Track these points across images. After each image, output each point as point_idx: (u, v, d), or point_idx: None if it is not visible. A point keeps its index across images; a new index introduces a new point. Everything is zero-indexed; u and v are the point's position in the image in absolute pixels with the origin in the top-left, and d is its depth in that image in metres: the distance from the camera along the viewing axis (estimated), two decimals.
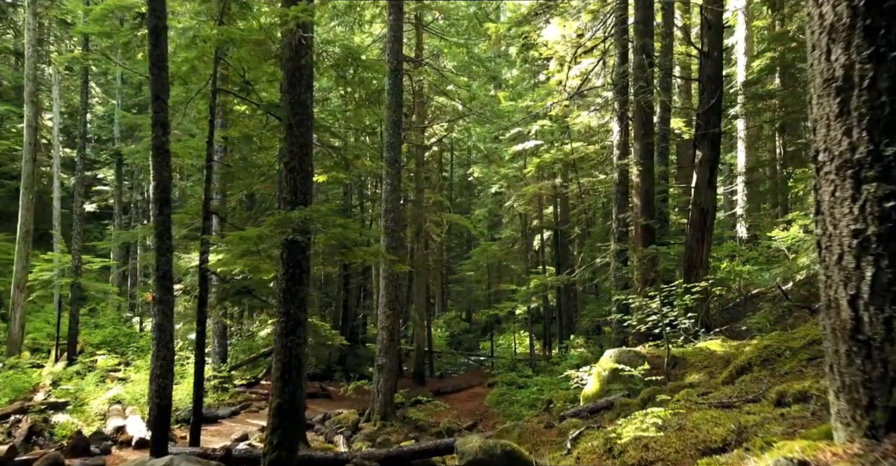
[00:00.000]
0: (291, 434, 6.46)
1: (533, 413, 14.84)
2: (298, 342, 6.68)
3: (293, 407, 6.53)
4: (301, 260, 6.77)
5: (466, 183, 39.74)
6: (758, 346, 5.60)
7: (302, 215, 6.30)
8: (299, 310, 6.73)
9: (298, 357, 6.66)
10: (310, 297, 28.06)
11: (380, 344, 14.08)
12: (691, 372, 7.52)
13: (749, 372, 5.34)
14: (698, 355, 8.05)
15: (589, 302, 20.93)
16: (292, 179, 6.83)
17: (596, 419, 7.24)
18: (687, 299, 8.26)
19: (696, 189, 12.16)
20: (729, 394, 4.44)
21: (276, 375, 6.58)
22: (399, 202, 14.64)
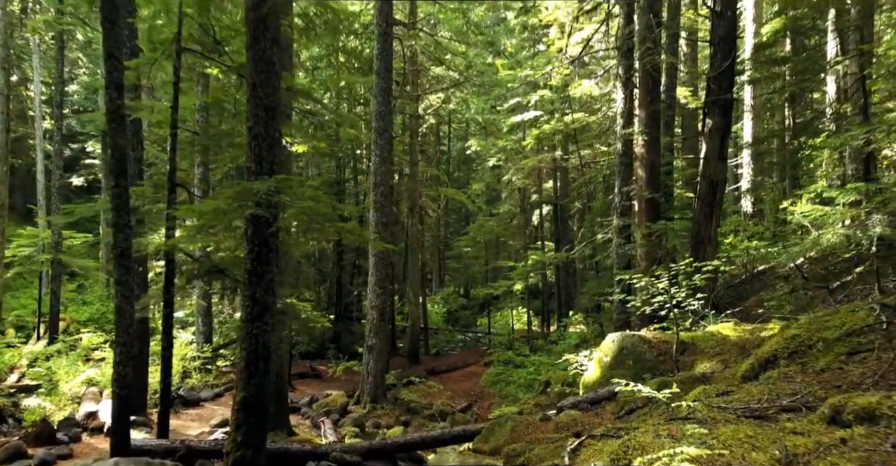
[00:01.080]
0: (258, 430, 5.80)
1: (530, 396, 14.29)
2: (265, 328, 5.98)
3: (260, 401, 5.86)
4: (268, 237, 6.03)
5: (465, 157, 38.81)
6: (784, 336, 4.90)
7: (265, 186, 5.54)
8: (266, 294, 6.01)
9: (266, 345, 5.97)
10: (304, 273, 27.45)
11: (369, 324, 13.45)
12: (702, 359, 6.84)
13: (774, 365, 4.64)
14: (709, 340, 7.37)
15: (589, 280, 20.29)
16: (257, 146, 6.05)
17: (597, 411, 6.59)
18: (697, 279, 7.54)
19: (704, 160, 11.36)
20: (756, 397, 3.76)
21: (241, 365, 5.89)
22: (389, 175, 13.85)
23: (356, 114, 23.45)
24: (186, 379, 14.10)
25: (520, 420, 6.61)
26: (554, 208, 24.72)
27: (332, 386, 15.71)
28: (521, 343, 20.91)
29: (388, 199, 13.91)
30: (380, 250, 13.28)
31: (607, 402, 6.80)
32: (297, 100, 8.98)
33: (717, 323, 8.41)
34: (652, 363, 7.28)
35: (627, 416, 5.93)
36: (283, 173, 10.87)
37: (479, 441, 6.72)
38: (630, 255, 12.11)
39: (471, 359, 20.63)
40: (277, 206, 5.74)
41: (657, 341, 7.60)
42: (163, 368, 7.89)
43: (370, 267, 13.46)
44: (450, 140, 36.96)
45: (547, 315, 26.06)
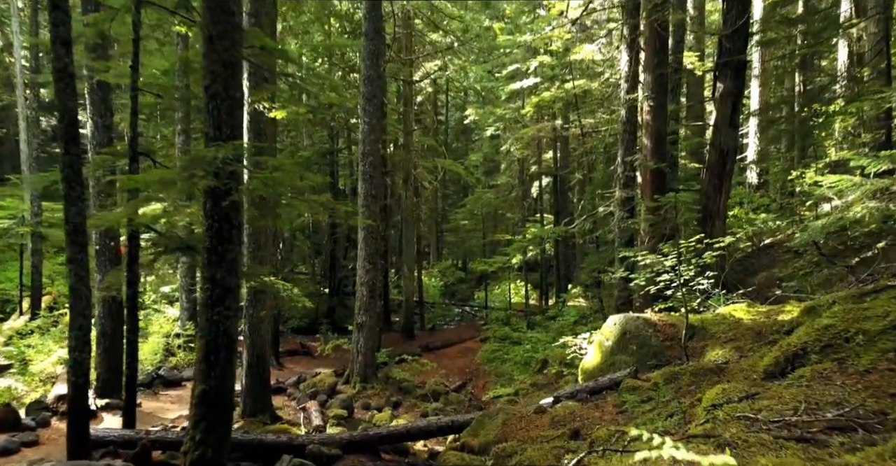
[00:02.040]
0: (220, 427, 5.20)
1: (525, 376, 13.80)
2: (228, 314, 5.34)
3: (222, 396, 5.25)
4: (229, 211, 5.34)
5: (463, 127, 37.84)
6: (814, 325, 4.25)
7: (220, 154, 4.83)
8: (229, 275, 5.35)
9: (228, 333, 5.33)
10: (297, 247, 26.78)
11: (359, 301, 12.84)
12: (713, 345, 6.22)
13: (804, 361, 4.01)
14: (720, 324, 6.74)
15: (589, 254, 19.66)
16: (215, 108, 5.31)
17: (597, 403, 5.99)
18: (707, 256, 6.88)
19: (714, 127, 10.60)
20: (791, 404, 3.12)
21: (200, 356, 5.27)
22: (379, 144, 13.08)
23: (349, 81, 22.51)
24: (170, 358, 13.55)
25: (512, 413, 6.02)
26: (554, 180, 23.95)
27: (323, 363, 15.21)
28: (518, 317, 20.40)
29: (379, 170, 13.17)
30: (370, 224, 12.60)
31: (609, 392, 6.20)
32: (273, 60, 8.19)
33: (728, 303, 7.78)
34: (657, 348, 6.67)
35: (631, 409, 5.32)
36: (264, 142, 10.14)
37: (468, 435, 6.15)
38: (633, 229, 11.45)
39: (467, 335, 20.13)
40: (237, 177, 5.03)
41: (663, 324, 6.97)
42: (128, 352, 7.27)
43: (359, 241, 12.80)
44: (447, 109, 35.97)
45: (545, 288, 25.52)
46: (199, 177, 4.97)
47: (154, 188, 4.87)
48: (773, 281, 10.95)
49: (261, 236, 9.62)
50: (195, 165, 4.90)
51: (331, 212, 5.65)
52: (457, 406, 12.43)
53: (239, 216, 5.46)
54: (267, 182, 5.17)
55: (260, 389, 9.74)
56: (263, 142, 9.83)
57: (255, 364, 9.70)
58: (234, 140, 5.26)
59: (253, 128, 9.60)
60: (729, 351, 5.86)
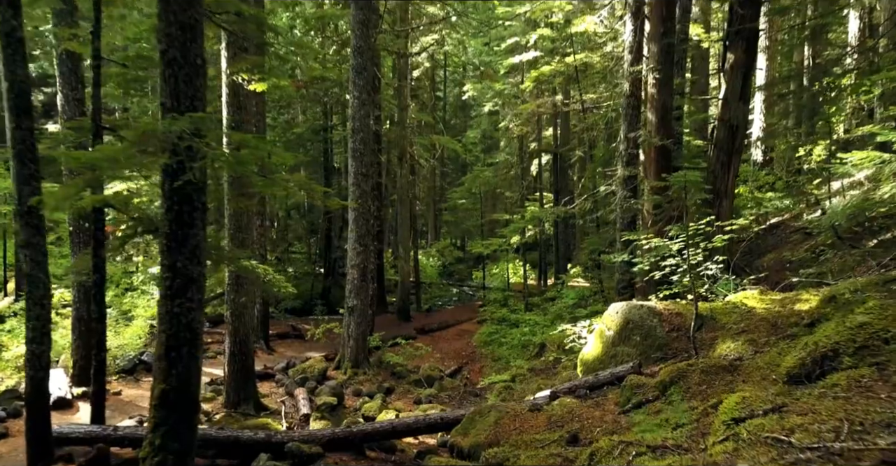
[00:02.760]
0: (183, 431, 4.72)
1: (523, 361, 13.37)
2: (191, 306, 4.82)
3: (185, 396, 4.76)
4: (191, 193, 4.78)
5: (461, 103, 37.05)
6: (846, 323, 3.75)
7: (176, 127, 4.26)
8: (190, 262, 4.81)
9: (191, 326, 4.82)
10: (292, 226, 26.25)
11: (350, 285, 12.35)
12: (724, 338, 5.73)
13: (836, 364, 3.51)
14: (731, 313, 6.24)
15: (589, 233, 19.12)
16: (171, 76, 4.72)
17: (598, 400, 5.51)
18: (717, 240, 6.35)
19: (723, 101, 10.00)
20: (829, 422, 2.62)
21: (160, 352, 4.76)
22: (370, 119, 12.45)
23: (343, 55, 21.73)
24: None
25: (506, 410, 5.55)
26: (553, 157, 23.33)
27: (315, 347, 14.79)
28: (516, 298, 19.95)
29: (370, 147, 12.57)
30: (360, 203, 12.06)
31: (610, 388, 5.73)
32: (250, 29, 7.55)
33: (738, 290, 7.28)
34: (662, 340, 6.18)
35: (635, 411, 4.86)
36: (246, 117, 9.53)
37: (458, 433, 5.69)
38: (635, 210, 10.91)
39: (463, 316, 19.70)
40: (195, 154, 4.47)
41: (668, 313, 6.48)
42: (95, 343, 6.79)
43: (350, 222, 12.26)
44: (445, 85, 35.16)
45: (544, 267, 25.06)
46: (151, 154, 4.41)
47: (104, 165, 4.32)
48: (782, 264, 10.44)
49: (242, 217, 9.08)
50: (147, 140, 4.34)
51: (307, 193, 5.11)
52: (451, 393, 12.03)
53: (202, 197, 4.91)
54: (226, 159, 4.61)
55: (243, 378, 9.30)
56: (245, 117, 9.24)
57: (238, 351, 9.25)
58: (195, 112, 4.68)
59: (232, 101, 9.01)
60: (742, 344, 5.37)
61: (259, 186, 5.28)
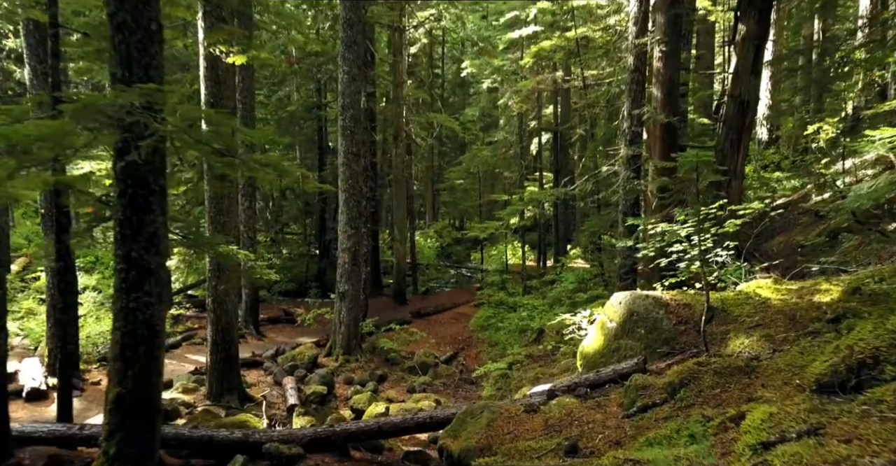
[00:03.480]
0: (141, 438, 4.28)
1: (520, 348, 12.97)
2: (149, 301, 4.35)
3: (143, 400, 4.31)
4: (146, 175, 4.28)
5: (460, 80, 36.25)
6: (889, 326, 3.26)
7: (123, 100, 3.74)
8: (147, 252, 4.33)
9: (149, 323, 4.35)
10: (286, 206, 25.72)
11: (341, 269, 11.89)
12: (737, 332, 5.26)
13: (876, 374, 3.03)
14: (743, 304, 5.77)
15: (590, 215, 18.59)
16: (122, 42, 4.18)
17: (599, 400, 5.07)
18: (729, 225, 5.85)
19: (734, 75, 9.42)
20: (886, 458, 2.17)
21: (115, 351, 4.30)
22: (360, 96, 11.87)
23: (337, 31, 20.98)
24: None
25: (499, 411, 5.10)
26: (554, 136, 22.73)
27: (307, 332, 14.38)
28: (514, 281, 19.51)
29: (361, 125, 12.00)
30: (350, 184, 11.54)
31: (613, 387, 5.28)
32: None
33: (749, 278, 6.80)
34: (669, 334, 5.72)
35: (640, 415, 4.41)
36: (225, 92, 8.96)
37: (448, 435, 5.26)
38: (639, 191, 10.39)
39: (461, 299, 19.29)
40: (142, 130, 3.95)
41: (676, 304, 6.00)
42: (58, 336, 6.34)
43: (340, 204, 11.74)
44: (443, 61, 34.33)
45: (543, 248, 24.60)
46: (97, 130, 3.89)
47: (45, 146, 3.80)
48: (792, 248, 9.95)
49: (223, 200, 8.56)
50: (90, 116, 3.82)
51: (280, 175, 4.61)
52: (446, 380, 11.65)
53: (160, 179, 4.40)
54: (184, 138, 4.09)
55: (226, 368, 8.87)
56: (224, 92, 8.67)
57: (221, 340, 8.80)
58: (150, 83, 4.14)
59: (210, 76, 8.42)
60: (757, 340, 4.90)
61: (218, 168, 4.77)
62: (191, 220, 7.65)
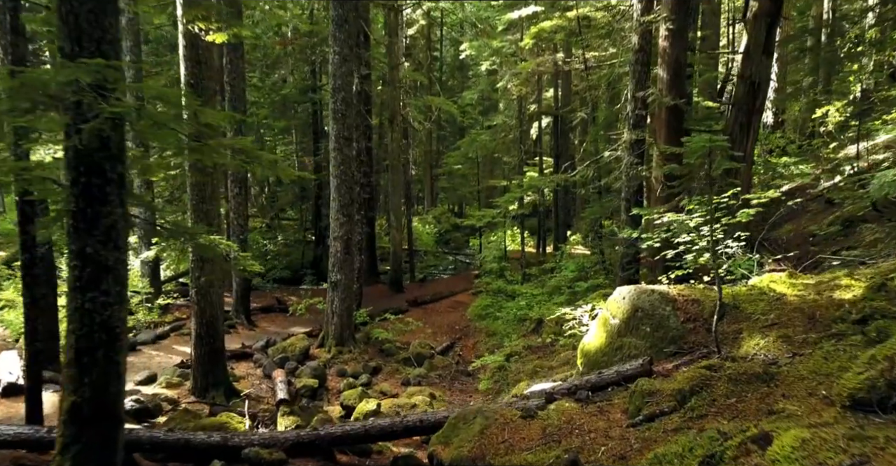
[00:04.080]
0: (100, 452, 3.90)
1: (518, 338, 12.62)
2: (107, 300, 3.94)
3: (102, 409, 3.92)
4: (102, 161, 3.85)
5: (459, 63, 35.55)
6: None
7: (63, 77, 3.30)
8: (104, 247, 3.91)
9: (108, 325, 3.95)
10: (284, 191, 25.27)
11: (333, 258, 11.49)
12: (751, 331, 4.87)
13: None
14: (757, 300, 5.37)
15: (590, 201, 18.14)
16: (70, 13, 3.73)
17: (601, 406, 4.69)
18: (742, 215, 5.43)
19: (745, 55, 8.94)
20: None
21: (70, 356, 3.90)
22: (352, 77, 11.38)
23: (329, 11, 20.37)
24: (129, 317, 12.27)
25: (494, 417, 4.72)
26: (554, 120, 22.19)
27: (300, 321, 14.01)
28: (513, 268, 19.12)
29: (353, 108, 11.53)
30: (342, 171, 11.09)
31: (616, 390, 4.90)
32: None
33: (762, 271, 6.40)
34: (677, 332, 5.33)
35: (647, 424, 4.03)
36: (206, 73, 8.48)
37: (439, 441, 4.89)
38: (643, 177, 9.95)
39: (458, 287, 18.93)
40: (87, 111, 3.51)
41: (683, 300, 5.61)
42: (27, 331, 5.93)
43: (331, 190, 11.31)
44: (442, 44, 33.66)
45: (543, 234, 24.18)
46: (42, 111, 3.46)
47: None
48: (804, 237, 9.54)
49: (206, 187, 8.14)
50: (27, 93, 3.39)
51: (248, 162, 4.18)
52: (442, 372, 11.31)
53: (119, 166, 3.97)
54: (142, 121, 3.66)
55: (211, 362, 8.51)
56: (206, 73, 8.19)
57: (205, 333, 8.44)
58: (104, 59, 3.70)
59: (190, 55, 7.94)
60: (774, 341, 4.51)
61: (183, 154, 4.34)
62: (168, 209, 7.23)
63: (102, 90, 3.59)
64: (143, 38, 21.15)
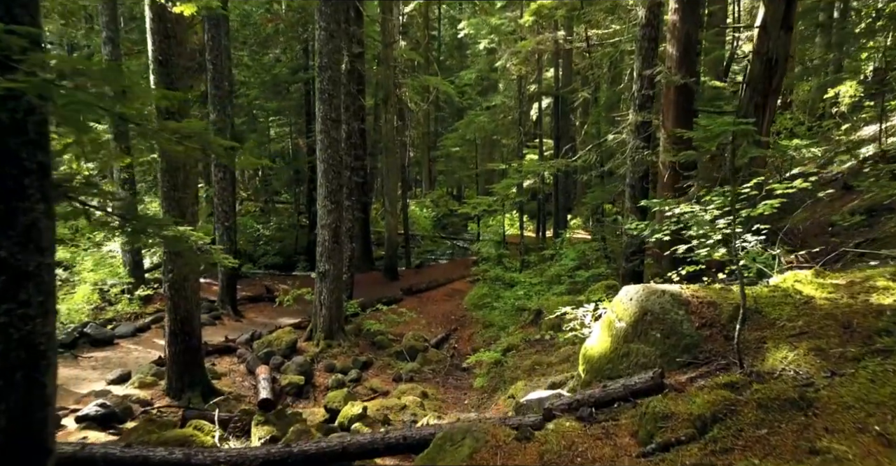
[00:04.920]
0: None
1: (517, 327, 12.07)
2: (27, 313, 3.34)
3: (23, 441, 3.35)
4: (18, 149, 3.24)
5: (458, 42, 34.64)
6: None
7: None
8: (23, 250, 3.31)
9: (30, 342, 3.36)
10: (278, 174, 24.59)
11: (320, 247, 10.91)
12: (776, 341, 4.29)
13: None
14: (781, 304, 4.79)
15: (593, 186, 17.48)
16: None
17: (606, 426, 4.13)
18: (765, 207, 4.82)
19: (761, 29, 8.23)
20: None
21: None
22: (340, 54, 10.68)
23: None
24: (108, 307, 11.75)
25: (484, 438, 4.16)
26: (555, 100, 21.43)
27: (289, 312, 13.48)
28: (512, 254, 18.54)
29: (340, 87, 10.84)
30: (329, 154, 10.46)
31: (624, 407, 4.34)
32: None
33: (781, 269, 5.81)
34: (691, 339, 4.75)
35: (661, 455, 3.48)
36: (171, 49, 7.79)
37: (424, 462, 4.35)
38: (649, 161, 9.32)
39: (455, 274, 18.40)
40: None
41: (698, 302, 5.02)
42: None
43: (318, 175, 10.68)
44: (440, 22, 32.72)
45: (543, 218, 23.57)
46: None
47: None
48: (821, 226, 8.95)
49: (179, 174, 7.52)
50: None
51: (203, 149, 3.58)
52: (436, 367, 10.81)
53: (40, 153, 3.36)
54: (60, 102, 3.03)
55: (187, 361, 7.97)
56: (176, 48, 7.52)
57: (180, 330, 7.88)
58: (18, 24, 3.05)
59: (157, 28, 7.28)
60: (805, 354, 3.93)
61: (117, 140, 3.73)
62: (126, 197, 6.65)
63: (7, 62, 2.96)
64: (130, 16, 20.38)
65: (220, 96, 12.10)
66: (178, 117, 7.35)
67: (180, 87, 7.25)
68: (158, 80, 7.19)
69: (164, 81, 7.18)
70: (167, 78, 7.18)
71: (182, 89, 7.29)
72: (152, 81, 7.25)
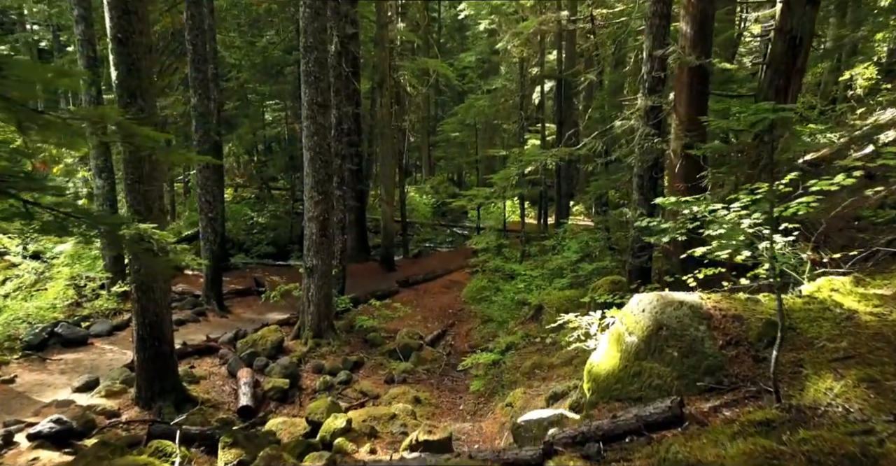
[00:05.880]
0: None
1: (516, 323, 11.47)
2: None
3: None
4: None
5: (459, 24, 33.70)
6: None
7: None
8: None
9: None
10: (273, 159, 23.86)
11: (308, 241, 10.27)
12: (816, 366, 3.65)
13: None
14: (818, 318, 4.14)
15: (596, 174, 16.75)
16: None
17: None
18: (799, 206, 4.15)
19: (784, 6, 7.50)
20: None
21: None
22: (327, 34, 9.97)
23: None
24: (85, 304, 11.13)
25: None
26: (557, 84, 20.62)
27: (278, 307, 12.84)
28: (512, 245, 17.88)
29: (327, 70, 10.12)
30: (316, 142, 9.77)
31: (637, 443, 3.71)
32: None
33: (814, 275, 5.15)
34: (714, 360, 4.11)
35: None
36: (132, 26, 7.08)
37: None
38: (659, 150, 8.61)
39: (454, 264, 17.78)
40: None
41: (721, 315, 4.37)
42: None
43: (305, 165, 10.01)
44: (440, 3, 31.77)
45: (545, 205, 22.86)
46: None
47: None
48: (845, 220, 8.26)
49: (143, 164, 6.84)
50: None
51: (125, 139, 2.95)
52: (431, 367, 10.23)
53: None
54: None
55: (157, 367, 7.37)
56: (138, 26, 6.80)
57: (149, 335, 7.27)
58: None
59: (115, 3, 6.55)
60: (854, 386, 3.30)
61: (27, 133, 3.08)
62: (69, 195, 6.02)
63: None
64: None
65: (200, 79, 11.37)
66: (142, 101, 6.68)
67: (143, 68, 6.56)
68: (118, 60, 6.49)
69: (124, 61, 6.49)
70: (128, 58, 6.48)
71: (145, 70, 6.59)
72: (112, 61, 6.56)
